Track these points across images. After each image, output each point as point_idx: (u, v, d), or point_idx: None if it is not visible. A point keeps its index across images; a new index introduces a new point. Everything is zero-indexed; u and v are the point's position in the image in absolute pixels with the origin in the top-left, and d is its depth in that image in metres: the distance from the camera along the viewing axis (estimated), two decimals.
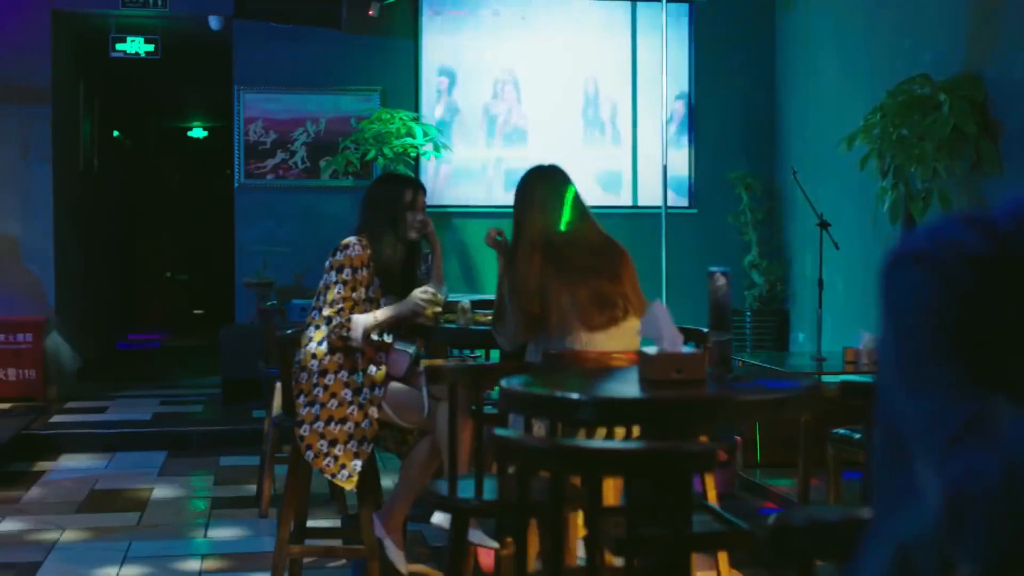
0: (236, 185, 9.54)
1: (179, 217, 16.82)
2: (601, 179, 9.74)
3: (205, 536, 5.73)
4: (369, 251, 4.56)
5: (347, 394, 4.50)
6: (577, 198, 4.31)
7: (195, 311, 16.61)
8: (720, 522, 2.80)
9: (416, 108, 9.51)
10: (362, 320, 4.49)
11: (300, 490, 4.60)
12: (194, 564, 5.21)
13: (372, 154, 8.83)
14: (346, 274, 4.50)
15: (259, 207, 9.50)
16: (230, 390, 8.81)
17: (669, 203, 9.28)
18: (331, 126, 9.52)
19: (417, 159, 9.29)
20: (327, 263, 4.56)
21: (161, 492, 6.69)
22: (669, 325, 2.85)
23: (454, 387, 3.56)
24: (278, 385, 6.00)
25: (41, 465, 7.36)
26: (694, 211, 9.85)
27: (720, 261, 9.58)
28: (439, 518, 4.34)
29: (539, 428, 3.79)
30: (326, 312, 4.48)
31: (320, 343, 4.52)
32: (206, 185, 17.06)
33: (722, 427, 6.09)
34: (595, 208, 4.53)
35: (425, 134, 9.08)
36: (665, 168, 9.29)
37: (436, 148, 9.20)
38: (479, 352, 6.68)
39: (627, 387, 2.82)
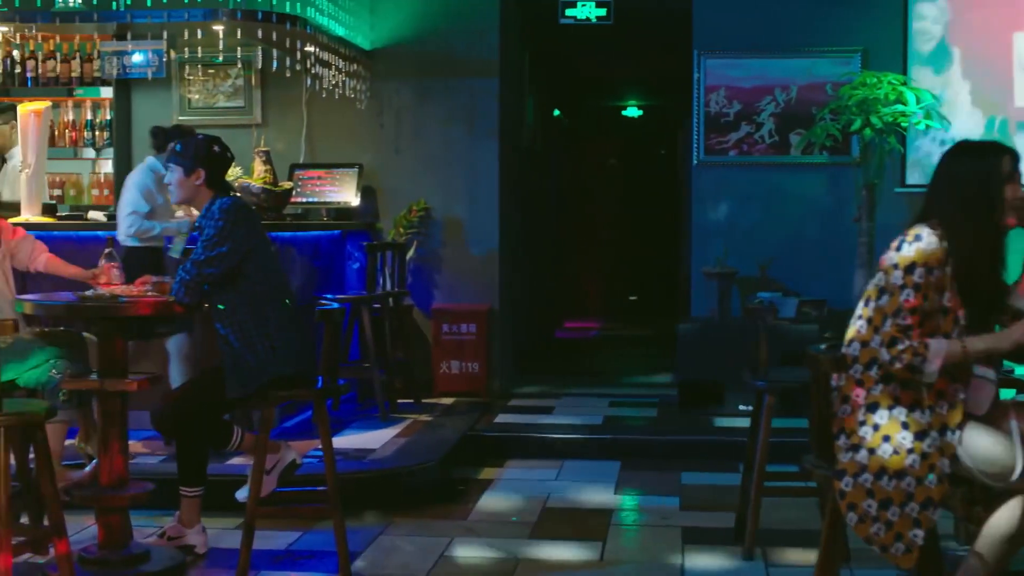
0: (694, 162, 8.53)
1: (615, 199, 16.14)
2: None
3: None
4: (947, 244, 3.33)
5: (905, 438, 3.31)
6: None
7: (630, 297, 15.87)
8: None
9: (904, 70, 8.13)
10: (943, 348, 3.27)
11: (836, 558, 3.47)
12: None
13: (858, 124, 7.53)
14: (917, 275, 3.30)
15: (720, 187, 8.45)
16: (687, 393, 7.80)
17: None
18: (803, 94, 8.32)
19: (907, 131, 7.91)
20: (886, 259, 3.38)
21: (622, 515, 5.81)
22: None
23: None
24: (767, 401, 4.97)
25: (487, 472, 6.67)
26: None
27: None
28: None
29: None
30: (887, 328, 3.29)
31: (869, 367, 3.36)
32: (642, 165, 16.31)
33: None
34: None
35: (918, 100, 7.66)
36: None
37: (929, 117, 7.76)
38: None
39: None
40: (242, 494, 4.77)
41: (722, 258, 8.08)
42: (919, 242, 3.35)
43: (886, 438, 3.34)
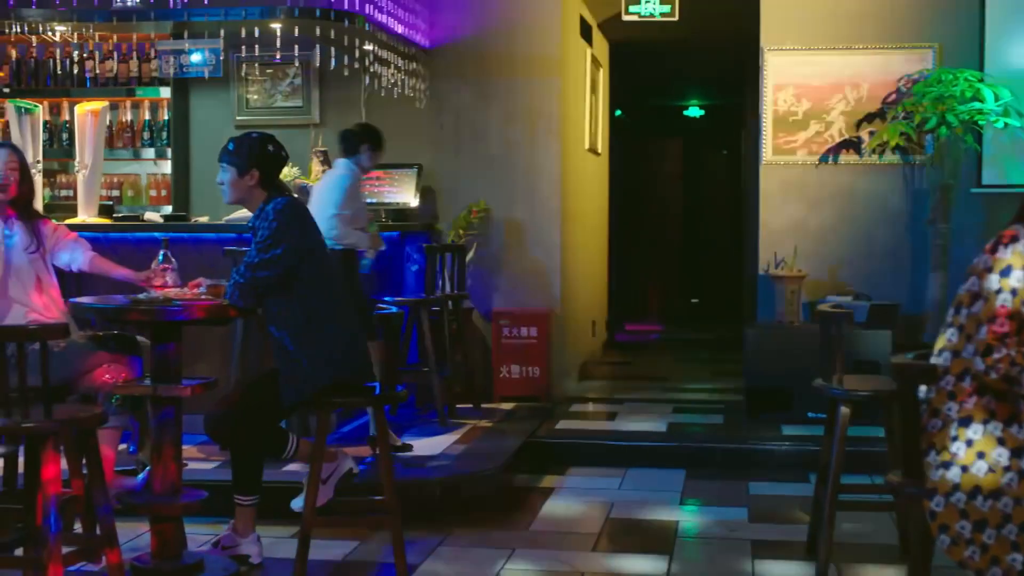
0: (761, 162, 8.29)
1: (677, 200, 15.92)
2: None
3: None
4: None
5: (1002, 455, 3.10)
6: None
7: (692, 300, 15.62)
8: None
9: (981, 67, 7.84)
10: None
11: None
12: None
13: (933, 122, 7.28)
14: (1014, 279, 3.08)
15: (787, 187, 8.20)
16: (755, 399, 7.56)
17: None
18: (874, 91, 8.06)
19: (984, 129, 7.63)
20: (980, 262, 3.17)
21: (688, 526, 5.61)
22: None
23: None
24: (842, 411, 4.75)
25: (549, 480, 6.49)
26: None
27: None
28: None
29: None
30: (981, 336, 3.08)
31: (962, 378, 3.14)
32: (704, 165, 16.08)
33: None
34: None
35: (996, 98, 7.40)
36: None
37: (1008, 114, 7.48)
38: None
39: None
40: (297, 503, 4.64)
41: (790, 261, 7.84)
42: (1016, 244, 3.13)
43: (980, 455, 3.12)
